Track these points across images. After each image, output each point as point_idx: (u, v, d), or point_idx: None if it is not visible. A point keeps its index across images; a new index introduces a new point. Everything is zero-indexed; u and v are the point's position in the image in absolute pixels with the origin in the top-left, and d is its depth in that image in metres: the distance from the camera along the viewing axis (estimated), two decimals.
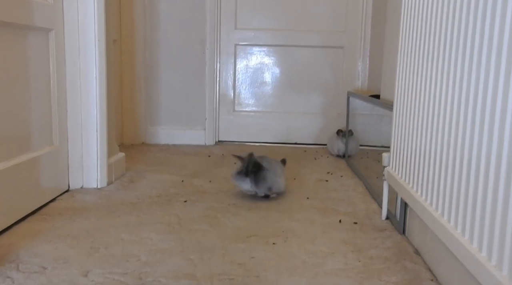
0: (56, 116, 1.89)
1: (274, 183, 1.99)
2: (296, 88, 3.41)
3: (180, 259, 1.37)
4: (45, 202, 1.83)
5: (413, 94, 1.44)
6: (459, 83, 1.06)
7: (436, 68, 1.23)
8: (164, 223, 1.68)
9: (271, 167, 1.99)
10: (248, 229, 1.65)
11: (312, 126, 3.41)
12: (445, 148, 1.14)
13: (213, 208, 1.86)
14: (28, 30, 1.69)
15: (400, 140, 1.56)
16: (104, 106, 2.03)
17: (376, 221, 1.75)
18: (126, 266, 1.32)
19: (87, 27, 1.94)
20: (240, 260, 1.38)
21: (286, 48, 3.39)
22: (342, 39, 3.36)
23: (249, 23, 3.35)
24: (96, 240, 1.51)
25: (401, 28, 1.62)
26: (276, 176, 1.99)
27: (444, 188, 1.13)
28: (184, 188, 2.15)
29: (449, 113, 1.13)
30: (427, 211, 1.22)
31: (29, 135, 1.73)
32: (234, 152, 3.02)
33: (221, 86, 3.38)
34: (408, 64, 1.52)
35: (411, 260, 1.41)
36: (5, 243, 1.46)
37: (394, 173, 1.62)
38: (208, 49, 3.24)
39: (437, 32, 1.25)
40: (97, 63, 1.97)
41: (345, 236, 1.60)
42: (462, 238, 0.99)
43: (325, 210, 1.89)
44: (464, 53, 1.05)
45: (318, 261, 1.39)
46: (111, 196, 1.99)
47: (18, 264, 1.31)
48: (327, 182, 2.36)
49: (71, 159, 2.02)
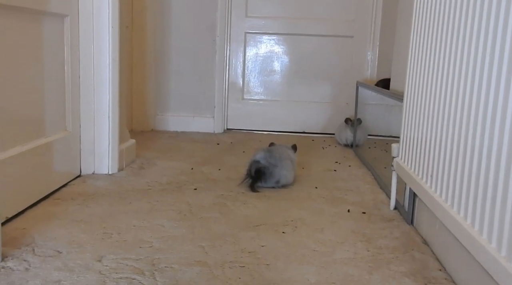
0: (70, 101, 1.91)
1: (281, 177, 2.01)
2: (305, 77, 3.42)
3: (191, 246, 1.40)
4: (57, 186, 1.86)
5: (424, 86, 1.45)
6: (471, 74, 1.07)
7: (448, 59, 1.24)
8: (175, 210, 1.71)
9: (281, 159, 2.02)
10: (257, 217, 1.67)
11: (320, 115, 3.42)
12: (455, 139, 1.15)
13: (222, 196, 1.89)
14: (44, 16, 1.71)
15: (410, 131, 1.57)
16: (116, 92, 2.05)
17: (384, 211, 1.77)
18: (139, 252, 1.35)
19: (101, 14, 1.95)
20: (250, 248, 1.40)
21: (296, 37, 3.39)
22: (352, 28, 3.36)
23: (259, 11, 3.35)
24: (109, 225, 1.53)
25: (413, 19, 1.63)
26: (283, 169, 2.01)
27: (454, 179, 1.14)
28: (194, 176, 2.17)
29: (460, 104, 1.14)
30: (436, 202, 1.24)
31: (43, 120, 1.75)
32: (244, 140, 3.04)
33: (230, 74, 3.40)
34: (419, 55, 1.53)
35: (419, 250, 1.43)
36: (20, 226, 1.49)
37: (403, 164, 1.63)
38: (218, 37, 3.25)
39: (450, 23, 1.26)
40: (110, 49, 1.98)
41: (354, 225, 1.62)
42: (472, 229, 1.01)
43: (333, 199, 1.91)
44: (478, 44, 1.05)
45: (327, 250, 1.41)
46: (122, 182, 2.01)
47: (34, 247, 1.34)
48: (335, 171, 2.37)
49: (83, 144, 2.04)
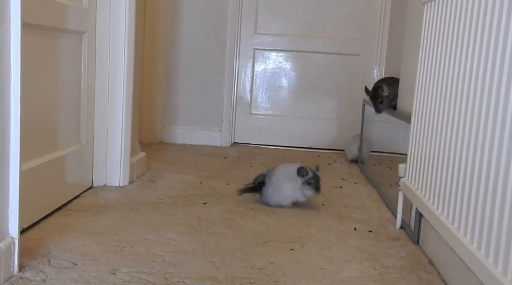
0: (85, 115, 1.96)
1: (270, 199, 2.03)
2: (312, 93, 3.46)
3: (202, 261, 1.43)
4: (70, 198, 1.90)
5: (432, 107, 1.49)
6: (480, 95, 1.11)
7: (457, 80, 1.28)
8: (186, 224, 1.74)
9: (276, 182, 2.03)
10: (266, 233, 1.71)
11: (326, 131, 3.46)
12: (463, 161, 1.19)
13: (231, 211, 1.92)
14: (63, 33, 1.76)
15: (417, 152, 1.61)
16: (129, 106, 2.10)
17: (391, 230, 1.80)
18: (152, 265, 1.38)
19: (118, 31, 2.00)
20: (260, 264, 1.44)
21: (303, 54, 3.44)
22: (359, 46, 3.41)
23: (268, 28, 3.41)
24: (121, 238, 1.57)
25: (422, 40, 1.67)
26: (275, 193, 2.02)
27: (461, 202, 1.18)
28: (203, 190, 2.21)
29: (468, 126, 1.18)
30: (442, 224, 1.28)
31: (59, 133, 1.79)
32: (251, 154, 3.07)
33: (238, 89, 3.44)
34: (427, 77, 1.57)
35: (425, 270, 1.46)
36: (35, 237, 1.52)
37: (410, 184, 1.67)
38: (228, 52, 3.30)
39: (458, 44, 1.30)
40: (125, 65, 2.04)
41: (361, 244, 1.65)
42: (478, 253, 1.04)
43: (340, 217, 1.94)
44: (486, 65, 1.09)
45: (335, 268, 1.44)
46: (133, 194, 2.05)
47: (50, 258, 1.38)
48: (341, 188, 2.41)
49: (96, 157, 2.09)
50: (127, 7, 1.99)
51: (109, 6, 1.98)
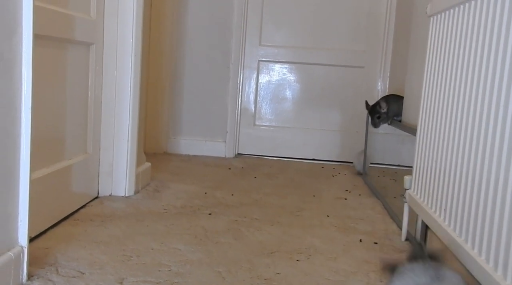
0: (92, 125, 1.98)
1: None
2: (315, 105, 3.48)
3: (209, 271, 1.44)
4: (76, 208, 1.91)
5: (437, 119, 1.50)
6: (487, 107, 1.12)
7: (463, 94, 1.29)
8: (191, 234, 1.75)
9: None
10: (271, 244, 1.71)
11: (330, 143, 3.47)
12: (470, 173, 1.19)
13: (236, 222, 1.93)
14: (71, 44, 1.78)
15: (423, 164, 1.62)
16: (136, 117, 2.11)
17: (396, 242, 1.81)
18: (159, 275, 1.39)
19: (125, 42, 2.02)
20: (266, 275, 1.44)
21: (308, 66, 3.46)
22: (363, 59, 3.43)
23: (273, 40, 3.43)
24: (128, 247, 1.58)
25: (427, 53, 1.69)
26: None
27: (469, 214, 1.18)
28: (208, 200, 2.22)
29: (475, 138, 1.18)
30: (449, 236, 1.28)
31: (66, 142, 1.81)
32: (255, 165, 3.08)
33: (243, 100, 3.46)
34: (433, 90, 1.58)
35: None
36: (43, 246, 1.53)
37: (415, 196, 1.67)
38: (232, 64, 3.33)
39: (464, 58, 1.31)
40: (132, 76, 2.05)
41: (366, 255, 1.66)
42: (486, 265, 1.05)
43: (345, 228, 1.95)
44: (493, 78, 1.10)
45: (341, 280, 1.44)
46: (138, 204, 2.06)
47: (57, 267, 1.38)
48: (345, 200, 2.42)
49: (102, 167, 2.10)
50: (134, 19, 2.01)
51: (116, 17, 2.00)
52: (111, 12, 2.00)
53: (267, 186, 2.58)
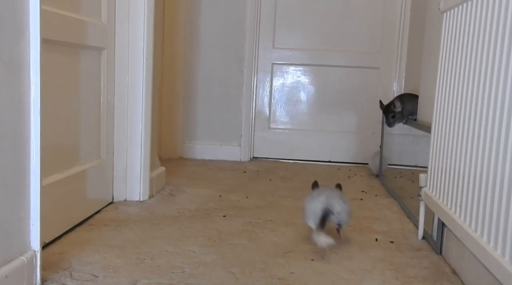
0: (105, 130, 1.98)
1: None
2: (330, 107, 3.46)
3: (222, 272, 1.43)
4: (91, 213, 1.91)
5: (452, 116, 1.48)
6: (501, 105, 1.10)
7: (477, 89, 1.27)
8: (205, 236, 1.74)
9: None
10: (286, 244, 1.70)
11: (346, 145, 3.44)
12: (485, 169, 1.17)
13: (251, 224, 1.92)
14: (83, 49, 1.79)
15: (438, 161, 1.60)
16: (149, 121, 2.12)
17: (413, 241, 1.78)
18: (172, 277, 1.38)
19: (137, 46, 2.03)
20: (280, 275, 1.43)
21: (322, 68, 3.44)
22: (378, 59, 3.41)
23: (286, 43, 3.42)
24: (142, 251, 1.57)
25: (441, 51, 1.66)
26: None
27: (484, 209, 1.16)
28: (222, 203, 2.21)
29: (489, 134, 1.16)
30: (465, 232, 1.26)
31: (79, 148, 1.81)
32: (270, 169, 3.06)
33: (257, 104, 3.45)
34: (447, 87, 1.56)
35: (448, 280, 1.43)
36: (57, 251, 1.54)
37: (431, 194, 1.65)
38: (246, 67, 3.32)
39: (478, 55, 1.29)
40: (144, 80, 2.06)
41: (382, 254, 1.63)
42: (503, 259, 1.02)
43: (361, 228, 1.92)
44: (507, 74, 1.08)
45: (356, 278, 1.42)
46: (153, 209, 2.06)
47: (71, 272, 1.38)
48: (361, 200, 2.39)
49: (116, 172, 2.10)
50: (145, 22, 2.02)
51: (127, 22, 2.01)
52: (122, 17, 2.01)
53: (282, 189, 2.57)
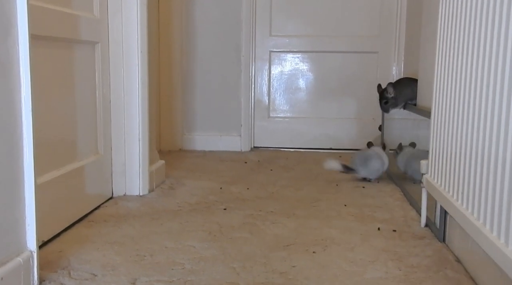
0: (101, 125, 1.96)
1: None
2: (330, 93, 3.43)
3: (223, 268, 1.41)
4: (90, 209, 1.90)
5: (452, 100, 1.45)
6: (500, 88, 1.07)
7: (476, 73, 1.24)
8: (206, 231, 1.72)
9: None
10: (287, 237, 1.68)
11: (347, 131, 3.42)
12: (486, 155, 1.15)
13: (252, 216, 1.90)
14: (76, 44, 1.76)
15: (439, 147, 1.57)
16: (146, 114, 2.09)
17: (415, 229, 1.76)
18: (172, 274, 1.37)
19: (130, 39, 2.00)
20: (281, 268, 1.41)
21: (320, 54, 3.41)
22: (376, 44, 3.37)
23: (283, 30, 3.39)
24: (141, 247, 1.56)
25: (438, 33, 1.63)
26: None
27: (486, 196, 1.14)
28: (223, 195, 2.19)
29: (490, 119, 1.13)
30: (468, 220, 1.23)
31: (76, 144, 1.80)
32: (271, 158, 3.04)
33: (256, 93, 3.43)
34: (446, 70, 1.53)
35: (452, 268, 1.42)
36: (56, 249, 1.52)
37: (433, 181, 1.62)
38: (243, 56, 3.29)
39: (476, 36, 1.26)
40: (139, 73, 2.03)
41: (385, 244, 1.62)
42: (506, 248, 1.00)
43: (363, 217, 1.90)
44: (505, 55, 1.05)
45: (358, 270, 1.41)
46: (153, 203, 2.04)
47: (70, 271, 1.37)
48: (363, 188, 2.37)
49: (115, 167, 2.08)
50: (138, 15, 1.99)
51: (120, 14, 1.98)
52: (115, 10, 1.98)
53: (284, 179, 2.55)
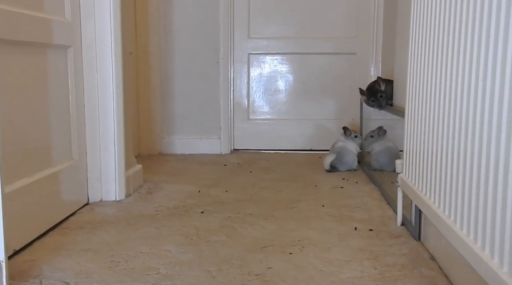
0: (75, 130, 1.94)
1: None
2: (309, 95, 3.43)
3: (199, 271, 1.40)
4: (65, 216, 1.87)
5: (424, 100, 1.45)
6: (474, 88, 1.07)
7: (448, 72, 1.24)
8: (183, 235, 1.71)
9: None
10: (265, 239, 1.68)
11: (326, 132, 3.42)
12: (456, 155, 1.15)
13: (230, 219, 1.89)
14: (48, 48, 1.74)
15: (413, 146, 1.58)
16: (121, 119, 2.07)
17: (392, 228, 1.77)
18: (147, 279, 1.35)
19: (104, 43, 1.98)
20: (257, 270, 1.41)
21: (299, 56, 3.41)
22: (354, 45, 3.38)
23: (261, 32, 3.39)
24: (117, 253, 1.54)
25: (411, 33, 1.64)
26: None
27: (456, 195, 1.14)
28: (201, 199, 2.18)
29: (462, 118, 1.14)
30: (440, 218, 1.24)
31: (50, 150, 1.77)
32: (251, 160, 3.04)
33: (235, 95, 3.42)
34: (418, 69, 1.54)
35: (427, 266, 1.42)
36: (28, 258, 1.50)
37: (407, 180, 1.63)
38: (222, 59, 3.28)
39: (447, 35, 1.26)
40: (113, 77, 2.02)
41: (361, 243, 1.62)
42: (475, 245, 1.01)
43: (341, 217, 1.91)
44: (479, 56, 1.04)
45: (334, 270, 1.40)
46: (130, 208, 2.02)
47: (41, 279, 1.35)
48: (342, 188, 2.37)
49: (90, 172, 2.06)
50: (112, 18, 1.97)
51: (93, 18, 1.96)
52: (88, 13, 1.96)
53: (263, 181, 2.54)
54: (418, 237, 1.62)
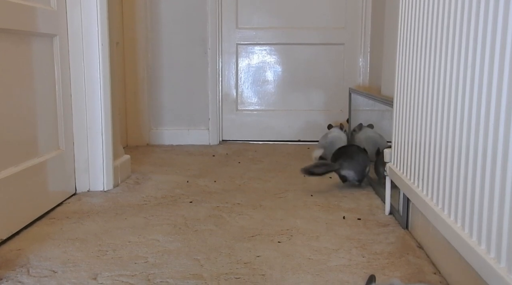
0: (62, 120, 1.92)
1: None
2: (298, 85, 3.43)
3: (187, 260, 1.40)
4: (52, 206, 1.86)
5: (413, 89, 1.46)
6: (462, 76, 1.07)
7: (436, 62, 1.25)
8: (171, 224, 1.71)
9: None
10: (253, 228, 1.68)
11: (315, 123, 3.42)
12: (444, 143, 1.15)
13: (218, 208, 1.89)
14: (33, 37, 1.72)
15: (401, 136, 1.58)
16: (108, 109, 2.06)
17: (380, 217, 1.77)
18: (134, 268, 1.35)
19: (90, 32, 1.96)
20: (246, 259, 1.41)
21: (287, 46, 3.41)
22: (343, 35, 3.38)
23: (250, 22, 3.37)
24: (104, 242, 1.53)
25: (399, 22, 1.64)
26: None
27: (444, 183, 1.15)
28: (189, 189, 2.18)
29: (450, 108, 1.14)
30: (428, 206, 1.24)
31: (36, 140, 1.75)
32: (239, 151, 3.03)
33: (223, 86, 3.41)
34: (407, 59, 1.54)
35: (414, 254, 1.43)
36: (15, 248, 1.49)
37: (395, 169, 1.64)
38: (210, 49, 3.26)
39: (435, 26, 1.26)
40: (100, 66, 2.00)
41: (349, 232, 1.62)
42: (462, 232, 1.01)
43: (329, 207, 1.91)
44: (467, 46, 1.05)
45: (322, 258, 1.41)
46: (118, 198, 2.01)
47: (29, 268, 1.34)
48: (330, 178, 2.38)
49: (78, 162, 2.05)
50: (98, 7, 1.95)
51: (79, 6, 1.94)
52: (74, 1, 1.94)
53: (252, 171, 2.54)
54: (406, 226, 1.63)
